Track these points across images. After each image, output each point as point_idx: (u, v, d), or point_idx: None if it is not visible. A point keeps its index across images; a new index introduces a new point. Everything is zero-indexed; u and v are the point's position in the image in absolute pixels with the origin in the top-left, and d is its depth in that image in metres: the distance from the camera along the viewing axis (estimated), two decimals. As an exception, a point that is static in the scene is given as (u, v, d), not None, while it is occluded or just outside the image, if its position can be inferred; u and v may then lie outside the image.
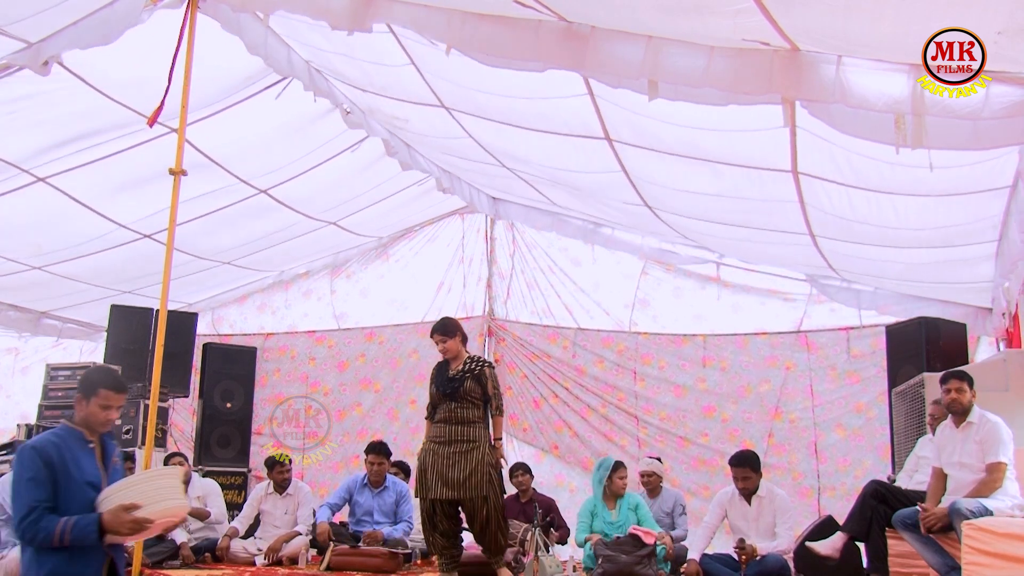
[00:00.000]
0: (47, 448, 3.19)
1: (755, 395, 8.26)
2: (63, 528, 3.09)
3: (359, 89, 6.12)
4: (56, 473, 3.17)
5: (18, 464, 3.17)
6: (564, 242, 9.01)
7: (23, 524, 3.09)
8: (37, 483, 3.13)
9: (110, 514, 3.14)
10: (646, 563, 5.79)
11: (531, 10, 3.88)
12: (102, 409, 3.33)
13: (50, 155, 6.06)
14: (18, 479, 3.16)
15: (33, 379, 9.25)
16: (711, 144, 5.06)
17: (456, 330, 5.73)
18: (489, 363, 5.74)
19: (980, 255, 5.53)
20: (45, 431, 3.33)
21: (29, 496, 3.12)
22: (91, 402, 3.32)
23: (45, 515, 3.10)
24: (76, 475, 3.22)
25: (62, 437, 3.29)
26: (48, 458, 3.17)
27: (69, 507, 3.17)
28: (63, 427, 3.35)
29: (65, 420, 3.38)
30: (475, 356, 5.77)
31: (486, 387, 5.60)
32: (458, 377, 5.60)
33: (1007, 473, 4.65)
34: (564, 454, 8.94)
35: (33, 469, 3.14)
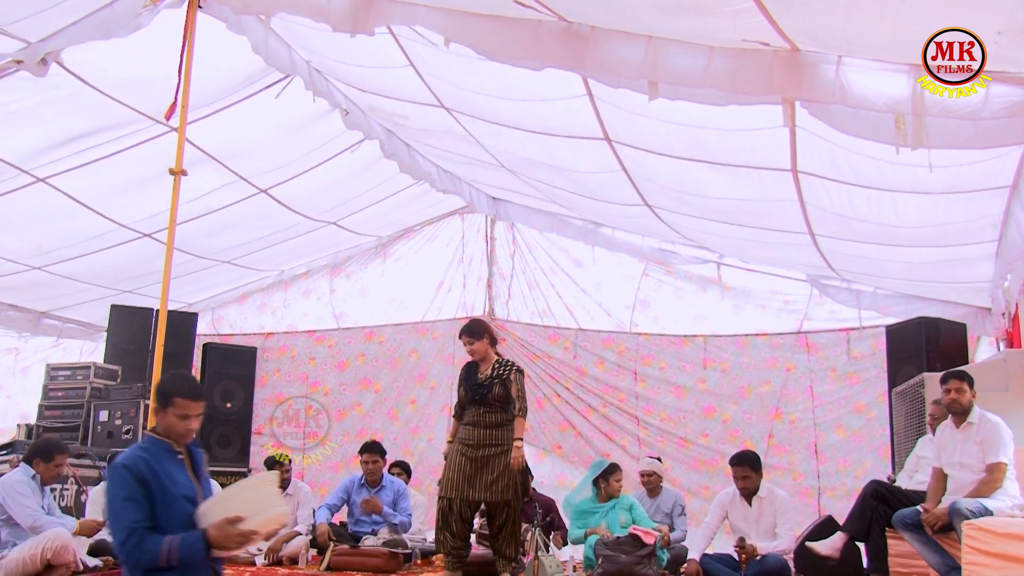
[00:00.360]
0: (137, 464, 3.00)
1: (755, 396, 8.26)
2: (169, 548, 2.90)
3: (358, 89, 6.12)
4: (151, 490, 2.98)
5: (111, 484, 3.01)
6: (565, 242, 9.01)
7: (126, 547, 2.91)
8: (133, 502, 2.94)
9: (216, 529, 2.96)
10: (646, 563, 5.78)
11: (531, 10, 3.88)
12: (180, 419, 3.14)
13: (50, 155, 6.06)
14: (113, 499, 2.98)
15: (33, 379, 9.25)
16: (710, 144, 5.06)
17: (484, 332, 5.75)
18: (518, 368, 5.75)
19: (980, 255, 5.53)
20: (131, 446, 3.15)
21: (127, 517, 2.93)
22: (168, 412, 3.14)
23: (147, 536, 2.92)
24: (172, 490, 3.04)
25: (150, 451, 3.09)
26: (140, 475, 2.98)
27: (169, 525, 2.98)
28: (149, 439, 3.17)
29: (149, 432, 3.20)
30: (504, 360, 5.80)
31: (510, 390, 5.63)
32: (486, 383, 5.65)
33: (1007, 473, 4.65)
34: (568, 454, 8.94)
35: (127, 488, 2.95)
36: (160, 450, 3.12)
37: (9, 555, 5.29)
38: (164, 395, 3.15)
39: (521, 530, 5.80)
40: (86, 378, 7.91)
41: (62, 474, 6.13)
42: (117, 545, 2.95)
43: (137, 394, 7.60)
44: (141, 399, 7.47)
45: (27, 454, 5.74)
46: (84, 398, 7.82)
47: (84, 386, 7.88)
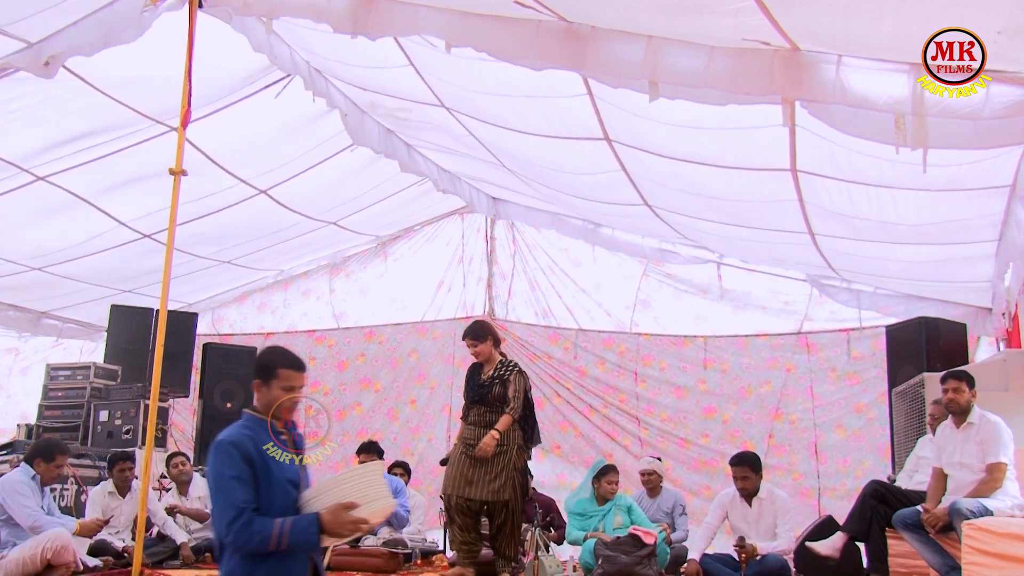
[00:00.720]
0: (245, 443, 2.81)
1: (756, 396, 8.26)
2: (280, 531, 2.71)
3: (359, 88, 6.12)
4: (256, 470, 2.80)
5: (216, 461, 2.79)
6: (565, 242, 9.01)
7: (233, 527, 2.70)
8: (241, 482, 2.75)
9: (330, 514, 2.77)
10: (646, 563, 5.78)
11: (531, 10, 3.88)
12: (285, 391, 2.94)
13: (50, 154, 6.06)
14: (220, 476, 2.77)
15: (33, 379, 9.25)
16: (710, 144, 5.06)
17: (487, 334, 5.73)
18: (520, 370, 5.71)
19: (980, 254, 5.53)
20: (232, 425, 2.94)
21: (235, 496, 2.72)
22: (272, 386, 2.94)
23: (256, 517, 2.72)
24: (276, 472, 2.85)
25: (253, 429, 2.90)
26: (247, 453, 2.79)
27: (270, 510, 2.79)
28: (249, 417, 2.95)
29: (248, 410, 2.99)
30: (508, 361, 5.77)
31: (507, 391, 5.59)
32: (487, 383, 5.64)
33: (1007, 473, 4.66)
34: (567, 454, 8.94)
35: (235, 466, 2.76)
36: (262, 430, 2.93)
37: (9, 555, 5.29)
38: (267, 367, 2.97)
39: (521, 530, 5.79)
40: (86, 378, 7.91)
41: (62, 474, 6.14)
42: (222, 526, 2.74)
43: (137, 394, 7.59)
44: (141, 399, 7.46)
45: (28, 454, 5.74)
46: (84, 398, 7.81)
47: (84, 386, 7.88)
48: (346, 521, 2.77)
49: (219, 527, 2.76)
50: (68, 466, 6.06)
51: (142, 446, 6.98)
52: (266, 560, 2.75)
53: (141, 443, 7.22)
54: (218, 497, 2.78)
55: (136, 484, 6.43)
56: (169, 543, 6.58)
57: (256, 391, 2.98)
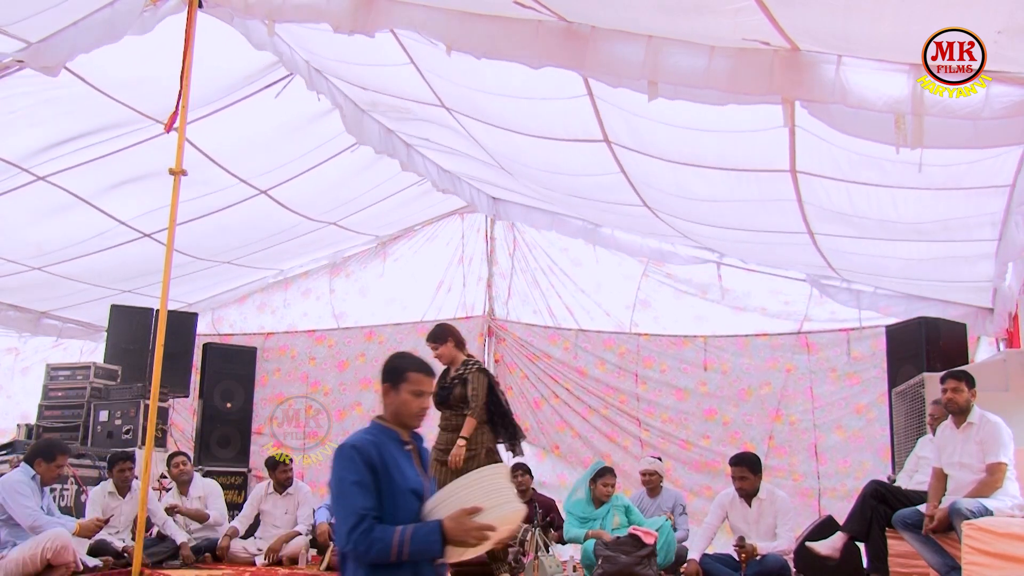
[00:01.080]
0: (368, 448, 2.70)
1: (756, 398, 8.25)
2: (401, 539, 2.57)
3: (359, 87, 6.12)
4: (379, 478, 2.68)
5: (338, 466, 2.69)
6: (565, 242, 9.01)
7: (353, 535, 2.58)
8: (363, 488, 2.63)
9: (453, 521, 2.61)
10: (646, 563, 5.79)
11: (531, 10, 3.88)
12: (415, 397, 2.82)
13: (50, 154, 6.06)
14: (341, 482, 2.66)
15: (33, 379, 9.25)
16: (710, 145, 5.06)
17: (447, 335, 5.57)
18: (480, 367, 5.52)
19: (980, 252, 5.53)
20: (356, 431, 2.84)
21: (357, 503, 2.61)
22: (401, 390, 2.82)
23: (377, 525, 2.60)
24: (400, 481, 2.72)
25: (378, 436, 2.78)
26: (370, 459, 2.67)
27: (394, 519, 2.66)
28: (375, 425, 2.85)
29: (375, 418, 2.88)
30: (469, 360, 5.58)
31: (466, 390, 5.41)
32: (448, 385, 5.49)
33: (1007, 473, 4.66)
34: (566, 454, 8.93)
35: (358, 471, 2.65)
36: (387, 437, 2.81)
37: (9, 555, 5.30)
38: (395, 371, 2.85)
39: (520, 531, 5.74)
40: (86, 378, 7.91)
41: (63, 474, 6.14)
42: (343, 533, 2.61)
43: (137, 394, 7.60)
44: (141, 399, 7.47)
45: (29, 454, 5.75)
46: (84, 398, 7.82)
47: (84, 386, 7.88)
48: (470, 528, 2.61)
49: (339, 534, 2.65)
50: (68, 466, 6.07)
51: (142, 446, 6.98)
52: (389, 570, 2.62)
53: (141, 443, 7.23)
54: (339, 503, 2.67)
55: (136, 484, 6.43)
56: (169, 543, 6.59)
57: (383, 397, 2.86)
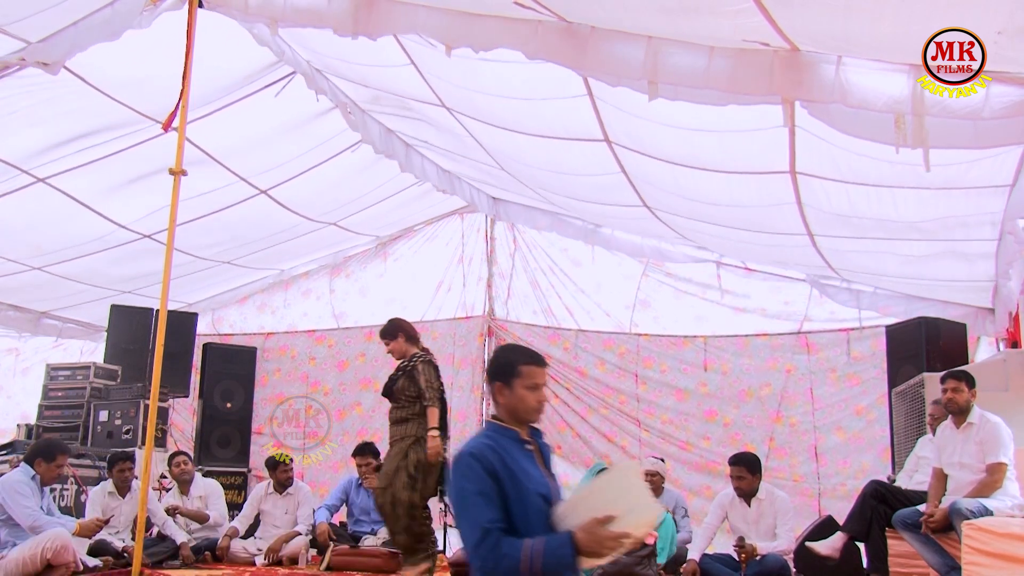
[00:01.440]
0: (487, 454, 2.53)
1: (756, 399, 8.25)
2: (531, 552, 2.40)
3: (361, 85, 6.12)
4: (503, 485, 2.51)
5: (458, 476, 2.54)
6: (565, 242, 9.01)
7: (480, 550, 2.43)
8: (486, 498, 2.47)
9: (585, 531, 2.41)
10: (646, 563, 5.78)
11: (531, 11, 3.88)
12: (530, 391, 2.65)
13: (50, 155, 6.06)
14: (462, 493, 2.51)
15: (33, 380, 9.25)
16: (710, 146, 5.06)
17: (397, 331, 5.52)
18: (424, 358, 5.44)
19: (979, 252, 5.53)
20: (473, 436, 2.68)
21: (481, 516, 2.45)
22: (515, 386, 2.65)
23: (504, 538, 2.43)
24: (527, 486, 2.55)
25: (495, 439, 2.62)
26: (490, 467, 2.51)
27: (525, 527, 2.50)
28: (492, 426, 2.68)
29: (491, 419, 2.73)
30: (418, 352, 5.48)
31: (418, 381, 5.35)
32: (393, 377, 5.46)
33: (1007, 473, 4.66)
34: (567, 454, 8.94)
35: (477, 481, 2.49)
36: (505, 438, 2.64)
37: (9, 555, 5.29)
38: (506, 367, 2.67)
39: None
40: (86, 378, 7.92)
41: (63, 474, 6.14)
42: (469, 548, 2.48)
43: (137, 394, 7.60)
44: (141, 399, 7.47)
45: (29, 454, 5.74)
46: (84, 398, 7.82)
47: (84, 386, 7.88)
48: (604, 538, 2.41)
49: (466, 546, 2.50)
50: (68, 466, 6.06)
51: (142, 446, 6.98)
52: None
53: (141, 443, 7.23)
54: (462, 516, 2.51)
55: (136, 484, 6.43)
56: (169, 543, 6.58)
57: (497, 396, 2.69)
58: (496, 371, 2.70)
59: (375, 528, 7.03)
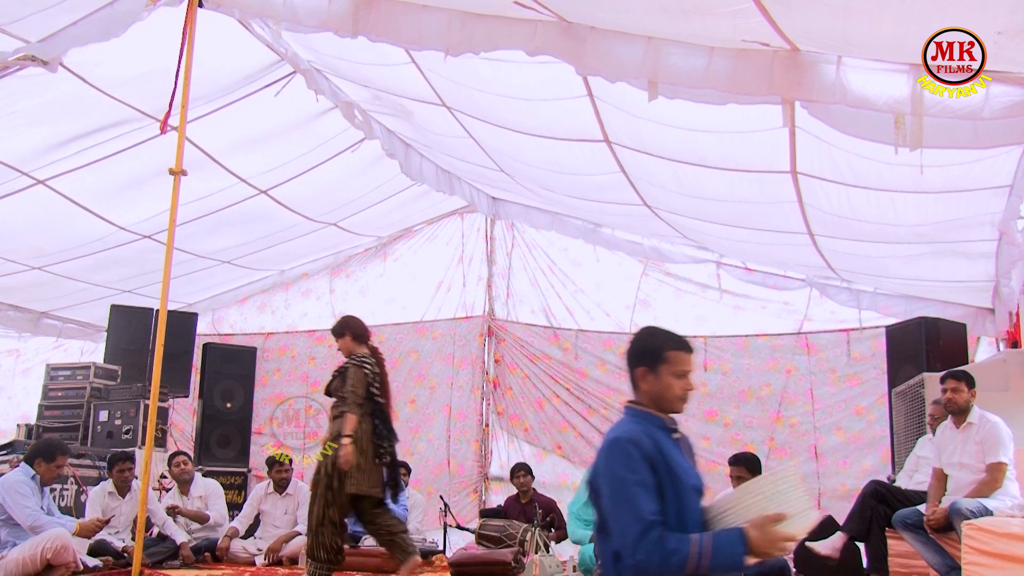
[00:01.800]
0: (644, 442, 2.34)
1: (756, 399, 8.25)
2: (700, 549, 2.21)
3: (361, 85, 6.12)
4: (659, 475, 2.33)
5: (614, 462, 2.34)
6: (565, 242, 9.01)
7: (642, 545, 2.21)
8: (648, 489, 2.28)
9: (758, 530, 2.25)
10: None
11: (531, 11, 3.88)
12: (677, 379, 2.49)
13: (50, 156, 6.05)
14: (619, 482, 2.30)
15: (34, 380, 9.24)
16: (710, 146, 5.06)
17: (344, 329, 5.46)
18: (358, 361, 5.29)
19: (980, 252, 5.53)
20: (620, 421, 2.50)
21: (643, 507, 2.25)
22: (661, 372, 2.48)
23: (668, 533, 2.24)
24: (683, 478, 2.38)
25: (645, 426, 2.42)
26: (649, 455, 2.33)
27: (681, 524, 2.31)
28: (636, 412, 2.49)
29: (632, 403, 2.53)
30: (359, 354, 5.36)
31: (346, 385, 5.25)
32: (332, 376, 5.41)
33: (1007, 473, 4.66)
34: (568, 454, 8.94)
35: (638, 470, 2.29)
36: (655, 426, 2.45)
37: (9, 555, 5.29)
38: (652, 352, 2.51)
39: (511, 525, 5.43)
40: (86, 378, 7.91)
41: (63, 474, 6.14)
42: (628, 541, 2.24)
43: (137, 394, 7.60)
44: (141, 399, 7.47)
45: (28, 454, 5.74)
46: (84, 398, 7.82)
47: (84, 386, 7.88)
48: (776, 538, 2.27)
49: (623, 543, 2.27)
50: (68, 466, 6.06)
51: (142, 446, 6.98)
52: None
53: (141, 443, 7.23)
54: (619, 507, 2.29)
55: (136, 484, 6.43)
56: (169, 543, 6.58)
57: (640, 382, 2.50)
58: (640, 355, 2.53)
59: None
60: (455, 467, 9.42)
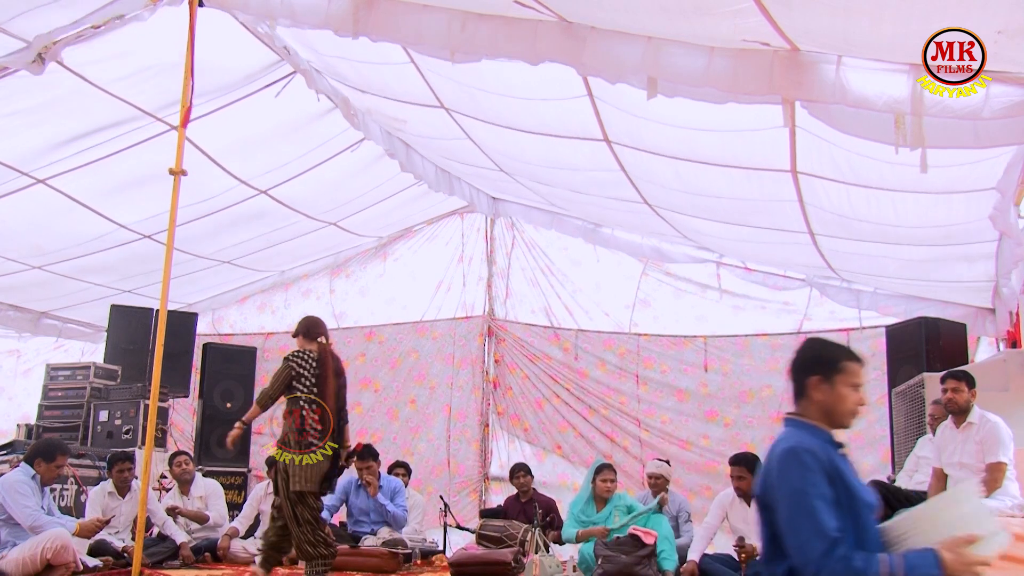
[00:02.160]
0: (820, 453, 2.26)
1: (757, 400, 8.24)
2: (891, 570, 2.11)
3: (358, 90, 6.12)
4: (838, 491, 2.23)
5: (794, 474, 2.24)
6: (564, 241, 9.01)
7: (829, 562, 2.12)
8: (829, 503, 2.19)
9: (952, 551, 2.15)
10: (646, 563, 5.78)
11: (531, 10, 3.88)
12: (852, 390, 2.37)
13: (50, 156, 6.05)
14: (801, 495, 2.21)
15: (35, 381, 9.23)
16: (710, 146, 5.06)
17: (299, 330, 5.52)
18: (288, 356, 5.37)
19: (980, 253, 5.53)
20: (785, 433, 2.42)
21: (827, 523, 2.16)
22: (836, 383, 2.36)
23: (855, 552, 2.15)
24: (859, 495, 2.29)
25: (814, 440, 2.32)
26: (827, 468, 2.25)
27: (864, 541, 2.23)
28: (801, 424, 2.40)
29: (794, 415, 2.44)
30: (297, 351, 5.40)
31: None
32: None
33: (1007, 473, 4.66)
34: (568, 453, 8.94)
35: (819, 483, 2.21)
36: (821, 441, 2.35)
37: (9, 555, 5.29)
38: (828, 361, 2.39)
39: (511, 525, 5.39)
40: (86, 378, 7.91)
41: (63, 474, 6.14)
42: (811, 559, 2.15)
43: (137, 394, 7.59)
44: (141, 399, 7.46)
45: (28, 454, 5.74)
46: (84, 398, 7.82)
47: (84, 386, 7.88)
48: (971, 562, 2.18)
49: (804, 561, 2.18)
50: (68, 466, 6.06)
51: (142, 446, 6.98)
52: None
53: (141, 443, 7.23)
54: (800, 521, 2.20)
55: (136, 484, 6.43)
56: (169, 543, 6.58)
57: (812, 391, 2.39)
58: (814, 363, 2.41)
59: (375, 528, 7.03)
60: (455, 467, 9.42)
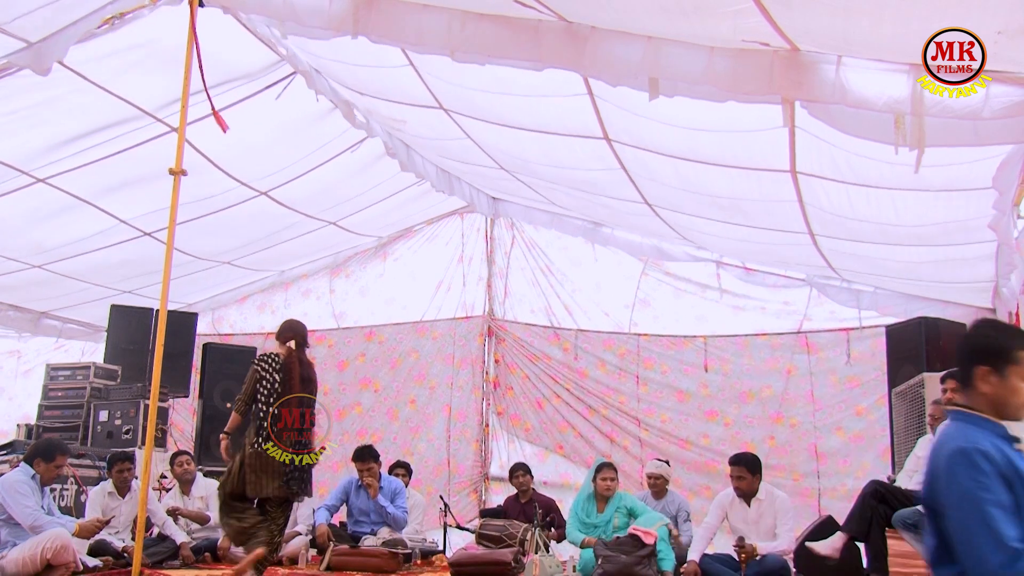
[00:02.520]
0: (995, 455, 2.09)
1: (757, 400, 8.24)
2: None
3: (357, 92, 6.12)
4: (1017, 496, 2.07)
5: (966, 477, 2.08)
6: (564, 241, 9.01)
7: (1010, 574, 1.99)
8: (1007, 511, 2.04)
9: None
10: (646, 563, 5.78)
11: (531, 10, 3.88)
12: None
13: (50, 156, 6.05)
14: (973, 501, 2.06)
15: (35, 382, 9.24)
16: (710, 145, 5.06)
17: (278, 333, 5.60)
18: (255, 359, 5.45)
19: (980, 254, 5.53)
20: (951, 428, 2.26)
21: (1005, 532, 2.01)
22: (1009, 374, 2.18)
23: None
24: None
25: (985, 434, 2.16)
26: (1005, 471, 2.08)
27: None
28: (974, 417, 2.22)
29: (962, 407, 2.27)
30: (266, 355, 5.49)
31: None
32: None
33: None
34: (569, 453, 8.94)
35: (995, 488, 2.05)
36: (995, 435, 2.17)
37: (9, 555, 5.29)
38: (999, 351, 2.20)
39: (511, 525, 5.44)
40: (86, 378, 7.91)
41: (62, 474, 6.14)
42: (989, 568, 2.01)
43: (137, 394, 7.60)
44: (141, 399, 7.46)
45: (28, 454, 5.74)
46: (84, 398, 7.82)
47: (84, 386, 7.88)
48: None
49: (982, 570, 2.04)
50: (68, 466, 6.06)
51: (142, 446, 6.98)
52: None
53: (141, 443, 7.23)
54: (973, 531, 2.05)
55: (136, 484, 6.43)
56: (169, 543, 6.58)
57: (980, 382, 2.21)
58: (984, 353, 2.22)
59: (375, 528, 7.03)
60: (455, 467, 9.42)
